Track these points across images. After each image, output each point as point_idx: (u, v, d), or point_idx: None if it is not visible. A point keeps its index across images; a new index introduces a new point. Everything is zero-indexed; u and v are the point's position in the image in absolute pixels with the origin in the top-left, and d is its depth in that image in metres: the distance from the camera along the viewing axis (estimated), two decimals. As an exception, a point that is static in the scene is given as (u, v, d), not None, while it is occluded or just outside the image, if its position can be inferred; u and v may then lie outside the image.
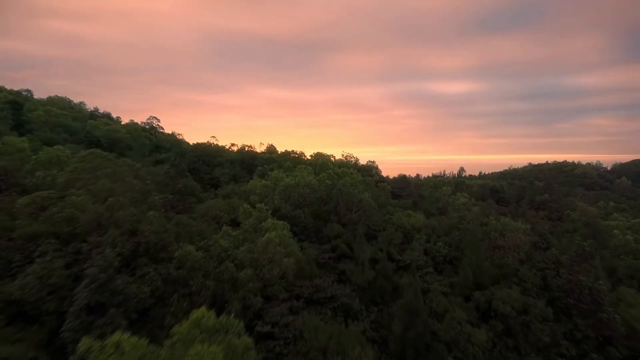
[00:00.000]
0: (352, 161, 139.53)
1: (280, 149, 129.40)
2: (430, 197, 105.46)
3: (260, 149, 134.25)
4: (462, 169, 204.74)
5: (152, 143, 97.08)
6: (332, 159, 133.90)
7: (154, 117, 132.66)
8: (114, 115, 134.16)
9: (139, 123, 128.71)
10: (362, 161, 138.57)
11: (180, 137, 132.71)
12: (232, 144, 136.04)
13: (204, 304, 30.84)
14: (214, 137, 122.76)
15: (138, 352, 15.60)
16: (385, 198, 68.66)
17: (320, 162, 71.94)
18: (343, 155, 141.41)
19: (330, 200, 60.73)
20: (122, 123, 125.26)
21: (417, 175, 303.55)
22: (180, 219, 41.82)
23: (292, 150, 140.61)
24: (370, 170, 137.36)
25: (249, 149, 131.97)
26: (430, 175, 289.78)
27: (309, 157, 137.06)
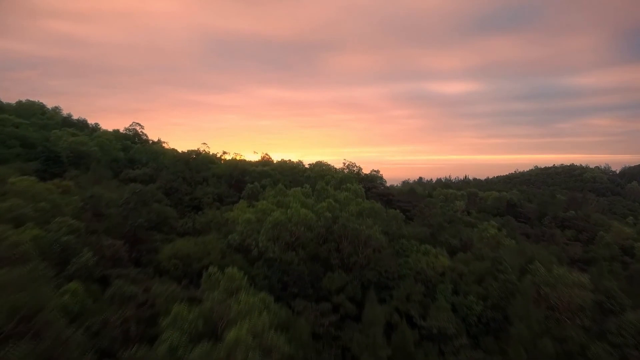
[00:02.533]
0: (354, 170, 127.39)
1: (279, 150, 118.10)
2: (444, 214, 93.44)
3: (254, 157, 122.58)
4: (471, 181, 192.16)
5: (127, 157, 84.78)
6: (333, 168, 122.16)
7: (137, 124, 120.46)
8: (103, 119, 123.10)
9: (121, 130, 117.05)
10: (363, 166, 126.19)
11: (166, 146, 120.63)
12: (224, 152, 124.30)
13: None
14: (204, 143, 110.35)
15: None
16: (397, 228, 56.46)
17: (320, 188, 59.66)
18: (344, 164, 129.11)
19: (331, 238, 48.62)
20: (102, 130, 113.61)
21: (420, 178, 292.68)
22: (120, 288, 29.50)
23: (289, 160, 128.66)
24: (374, 180, 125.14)
25: (241, 158, 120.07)
26: (434, 179, 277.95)
27: (307, 166, 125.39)
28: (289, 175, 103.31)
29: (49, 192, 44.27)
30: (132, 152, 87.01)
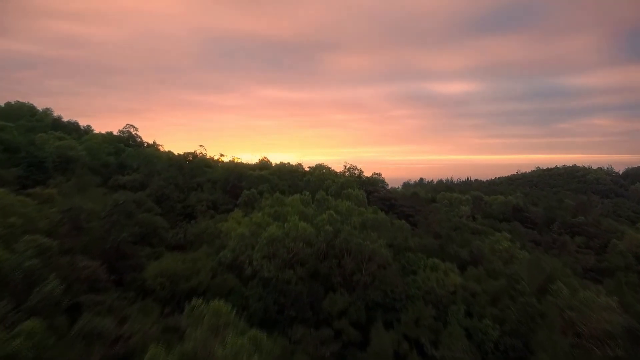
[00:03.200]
0: (355, 173, 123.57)
1: (279, 150, 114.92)
2: (449, 220, 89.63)
3: (252, 158, 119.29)
4: (472, 182, 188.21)
5: (118, 161, 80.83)
6: (334, 172, 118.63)
7: (131, 125, 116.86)
8: (102, 120, 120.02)
9: (115, 133, 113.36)
10: (364, 166, 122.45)
11: (161, 148, 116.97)
12: (221, 154, 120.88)
13: None
14: (201, 145, 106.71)
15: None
16: (403, 240, 52.65)
17: (320, 197, 55.86)
18: (345, 166, 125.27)
19: (332, 253, 44.76)
20: (93, 133, 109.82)
21: (421, 179, 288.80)
22: (89, 322, 25.63)
23: (288, 163, 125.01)
24: (376, 183, 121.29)
25: (238, 161, 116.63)
26: (435, 179, 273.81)
27: (307, 169, 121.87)
28: (287, 180, 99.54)
29: (23, 204, 40.38)
30: (123, 156, 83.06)
